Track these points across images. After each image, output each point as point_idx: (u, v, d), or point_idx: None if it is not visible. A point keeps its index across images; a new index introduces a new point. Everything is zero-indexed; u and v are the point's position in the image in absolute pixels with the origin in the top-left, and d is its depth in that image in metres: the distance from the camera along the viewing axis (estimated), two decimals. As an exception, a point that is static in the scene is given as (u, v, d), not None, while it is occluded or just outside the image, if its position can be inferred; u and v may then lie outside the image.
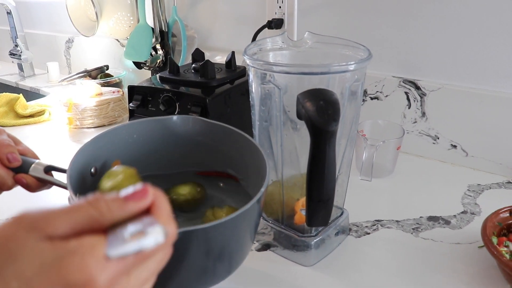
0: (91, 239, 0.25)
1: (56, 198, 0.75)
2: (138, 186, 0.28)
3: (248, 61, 0.55)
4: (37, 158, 0.53)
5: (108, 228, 0.27)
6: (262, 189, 0.44)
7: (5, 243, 0.24)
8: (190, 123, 0.59)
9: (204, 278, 0.46)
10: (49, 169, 0.52)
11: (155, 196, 0.28)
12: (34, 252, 0.24)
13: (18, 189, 0.52)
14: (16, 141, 0.53)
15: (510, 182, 0.80)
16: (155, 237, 0.27)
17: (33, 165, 0.51)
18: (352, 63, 0.51)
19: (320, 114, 0.45)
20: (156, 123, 0.58)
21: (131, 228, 0.27)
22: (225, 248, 0.45)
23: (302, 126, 0.49)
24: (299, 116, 0.49)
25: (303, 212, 0.57)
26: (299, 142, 0.56)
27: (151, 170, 0.59)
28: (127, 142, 0.56)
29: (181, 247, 0.38)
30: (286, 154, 0.58)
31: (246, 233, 0.46)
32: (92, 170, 0.52)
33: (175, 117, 0.58)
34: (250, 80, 0.57)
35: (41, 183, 0.52)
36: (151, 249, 0.26)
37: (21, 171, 0.50)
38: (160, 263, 0.29)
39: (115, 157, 0.55)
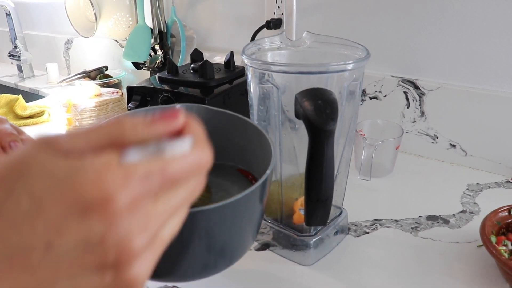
0: (111, 155, 0.22)
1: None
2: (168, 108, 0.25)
3: (246, 61, 0.55)
4: None
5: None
6: (268, 171, 0.43)
7: (17, 161, 0.22)
8: (194, 111, 0.58)
9: (208, 265, 0.45)
10: None
11: (188, 120, 0.25)
12: (46, 167, 0.21)
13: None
14: (19, 131, 0.53)
15: (509, 182, 0.80)
16: (180, 145, 0.23)
17: None
18: (350, 62, 0.51)
19: (318, 113, 0.45)
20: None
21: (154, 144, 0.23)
22: (230, 232, 0.44)
23: (301, 126, 0.49)
24: (297, 115, 0.49)
25: (302, 212, 0.57)
26: (297, 141, 0.56)
27: None
28: None
29: (186, 230, 0.38)
30: (284, 153, 0.58)
31: (251, 217, 0.45)
32: None
33: (178, 106, 0.58)
34: (249, 80, 0.57)
35: None
36: (174, 153, 0.23)
37: None
38: (193, 193, 0.25)
39: None
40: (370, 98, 0.95)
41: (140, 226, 0.22)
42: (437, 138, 0.88)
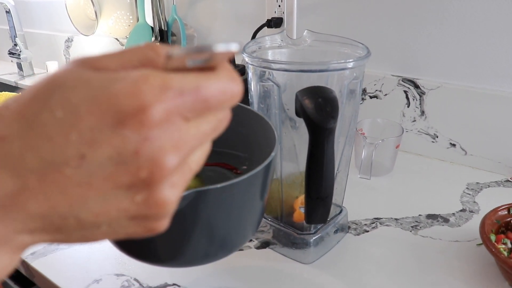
0: (145, 70, 0.22)
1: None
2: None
3: (247, 59, 0.55)
4: None
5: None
6: (273, 153, 0.43)
7: (53, 76, 0.22)
8: None
9: (212, 248, 0.45)
10: None
11: (222, 56, 0.24)
12: (82, 78, 0.21)
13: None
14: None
15: (509, 181, 0.80)
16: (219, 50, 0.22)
17: None
18: (350, 60, 0.51)
19: (319, 111, 0.45)
20: None
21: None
22: (236, 213, 0.43)
23: (301, 124, 0.49)
24: (298, 113, 0.49)
25: (302, 210, 0.57)
26: (298, 140, 0.56)
27: None
28: None
29: (191, 210, 0.37)
30: (285, 151, 0.58)
31: (257, 200, 0.44)
32: None
33: None
34: (249, 78, 0.57)
35: None
36: (217, 52, 0.22)
37: None
38: (219, 125, 0.25)
39: None
40: (370, 97, 0.95)
41: (172, 144, 0.21)
42: (437, 137, 0.88)
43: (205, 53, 0.22)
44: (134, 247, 0.43)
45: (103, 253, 0.64)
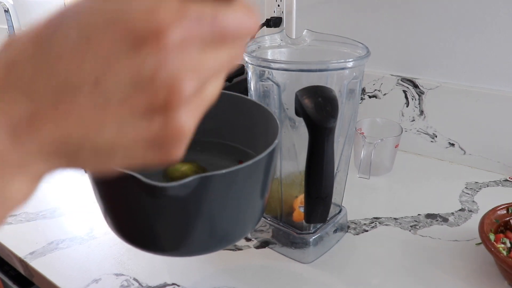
0: None
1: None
2: None
3: (246, 58, 0.55)
4: None
5: None
6: (276, 141, 0.43)
7: (68, 5, 0.21)
8: None
9: (216, 236, 0.44)
10: None
11: None
12: (96, 4, 0.20)
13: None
14: None
15: (508, 180, 0.80)
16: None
17: None
18: (350, 60, 0.51)
19: (318, 110, 0.45)
20: None
21: None
22: (239, 200, 0.43)
23: (301, 124, 0.49)
24: (297, 113, 0.49)
25: (302, 210, 0.57)
26: (297, 139, 0.56)
27: None
28: None
29: (194, 196, 0.37)
30: (284, 151, 0.58)
31: (260, 187, 0.44)
32: None
33: None
34: (249, 78, 0.57)
35: None
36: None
37: None
38: (235, 56, 0.24)
39: None
40: (370, 97, 0.95)
41: (190, 70, 0.21)
42: (436, 136, 0.88)
43: None
44: (136, 235, 0.43)
45: (102, 253, 0.64)
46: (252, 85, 0.57)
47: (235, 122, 0.56)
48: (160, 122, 0.21)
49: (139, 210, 0.40)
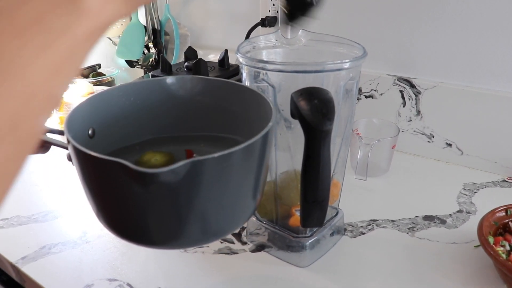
0: None
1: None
2: None
3: (241, 59, 0.54)
4: None
5: None
6: (270, 123, 0.41)
7: None
8: (188, 83, 0.56)
9: (208, 226, 0.43)
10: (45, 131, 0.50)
11: None
12: None
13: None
14: None
15: (506, 181, 0.80)
16: None
17: None
18: (346, 61, 0.50)
19: (315, 113, 0.44)
20: (153, 84, 0.54)
21: None
22: (231, 187, 0.41)
23: (296, 125, 0.48)
24: (293, 115, 0.48)
25: (298, 213, 0.56)
26: (293, 141, 0.55)
27: (154, 134, 0.56)
28: (125, 104, 0.54)
29: (186, 182, 0.36)
30: (280, 153, 0.57)
31: (253, 172, 0.42)
32: (90, 131, 0.50)
33: (172, 78, 0.55)
34: (243, 79, 0.56)
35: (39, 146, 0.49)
36: None
37: None
38: None
39: (112, 118, 0.52)
40: (366, 97, 0.94)
41: None
42: (433, 137, 0.88)
43: None
44: (127, 228, 0.42)
45: (96, 257, 0.63)
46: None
47: (228, 110, 0.54)
48: None
49: (129, 200, 0.39)
